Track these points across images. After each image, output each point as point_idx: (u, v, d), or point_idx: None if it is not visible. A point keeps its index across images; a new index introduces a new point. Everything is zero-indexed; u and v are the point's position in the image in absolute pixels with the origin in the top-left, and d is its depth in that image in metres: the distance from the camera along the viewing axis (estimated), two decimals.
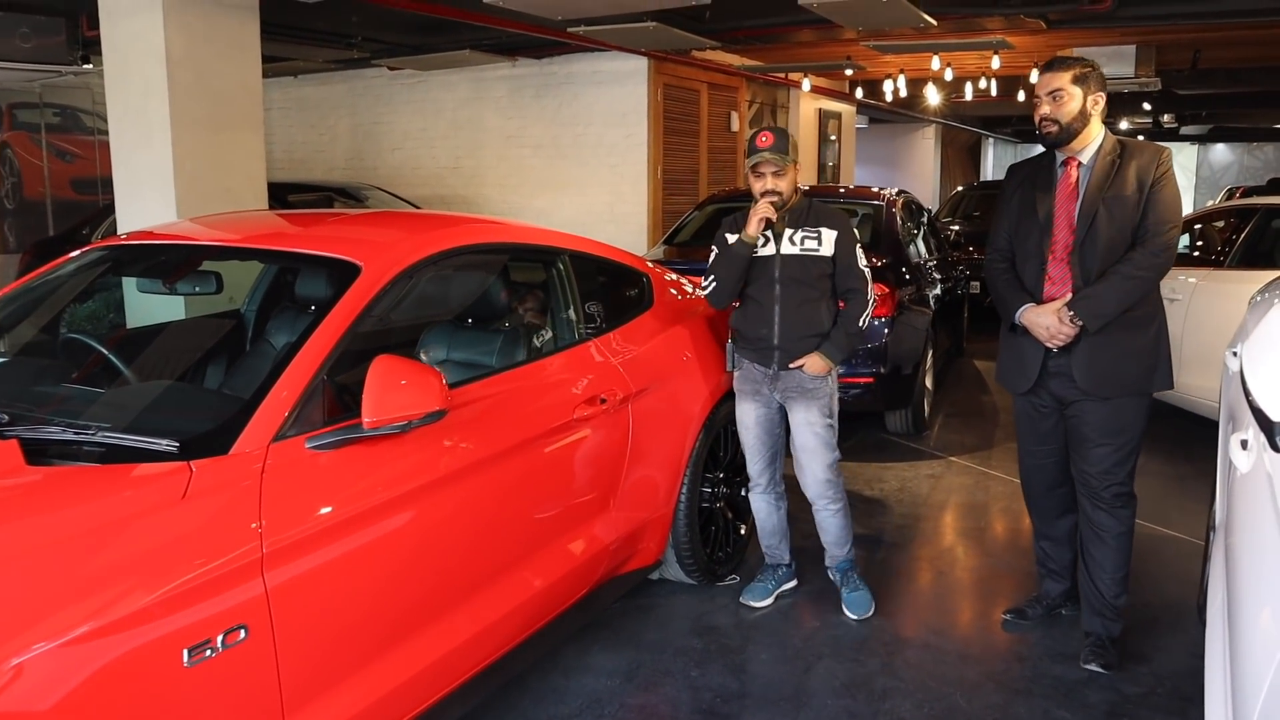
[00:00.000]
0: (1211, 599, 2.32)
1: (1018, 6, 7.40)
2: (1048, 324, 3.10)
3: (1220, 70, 11.59)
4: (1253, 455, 2.05)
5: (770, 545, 3.80)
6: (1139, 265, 3.01)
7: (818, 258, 3.48)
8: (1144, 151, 3.09)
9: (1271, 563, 1.57)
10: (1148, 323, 3.12)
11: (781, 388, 3.56)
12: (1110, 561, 3.24)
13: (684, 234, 6.98)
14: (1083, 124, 3.09)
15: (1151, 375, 3.14)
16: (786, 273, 3.47)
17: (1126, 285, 3.02)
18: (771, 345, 3.50)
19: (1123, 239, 3.05)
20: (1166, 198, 3.05)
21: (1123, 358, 3.10)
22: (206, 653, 1.90)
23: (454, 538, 2.57)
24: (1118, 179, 3.05)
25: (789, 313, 3.47)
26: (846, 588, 3.69)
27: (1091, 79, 3.08)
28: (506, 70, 10.32)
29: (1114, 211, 3.04)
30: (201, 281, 3.30)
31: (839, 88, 13.61)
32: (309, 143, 11.95)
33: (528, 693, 3.09)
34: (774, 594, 3.77)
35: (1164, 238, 3.03)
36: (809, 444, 3.57)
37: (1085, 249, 3.08)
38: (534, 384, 3.00)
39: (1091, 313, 3.04)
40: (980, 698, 3.08)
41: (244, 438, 2.15)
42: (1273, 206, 6.01)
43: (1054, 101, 3.08)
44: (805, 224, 3.49)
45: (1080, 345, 3.11)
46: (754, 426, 3.64)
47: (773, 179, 3.42)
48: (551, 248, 3.40)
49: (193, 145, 5.55)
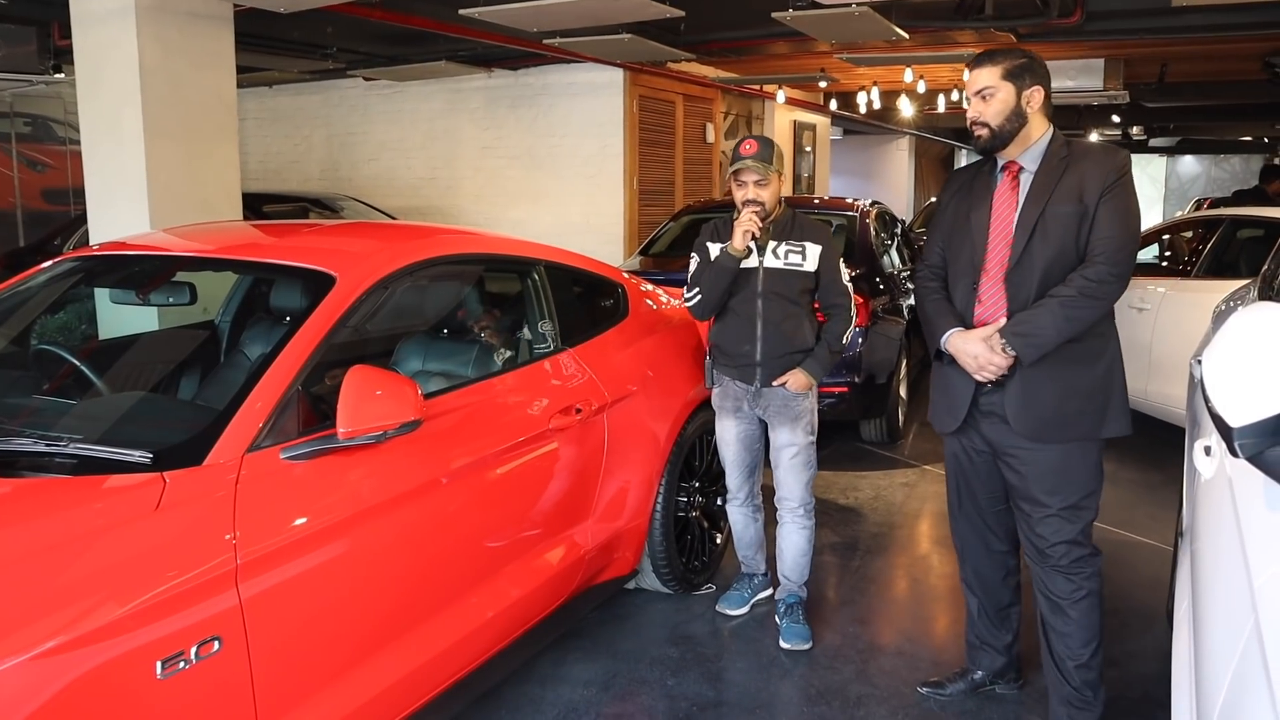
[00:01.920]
0: (1178, 604, 2.35)
1: (988, 20, 7.48)
2: (975, 352, 2.66)
3: (1187, 84, 11.75)
4: (1215, 461, 2.09)
5: (747, 555, 3.80)
6: (1081, 289, 2.57)
7: (801, 273, 3.41)
8: (1095, 155, 2.64)
9: (1232, 566, 1.60)
10: (1096, 356, 2.66)
11: (764, 405, 3.50)
12: (1076, 635, 2.75)
13: (659, 244, 7.02)
14: (1018, 124, 2.67)
15: (1101, 418, 2.67)
16: (770, 286, 3.40)
17: (1066, 312, 2.57)
18: (754, 362, 3.42)
19: (1064, 258, 2.62)
20: (1117, 210, 2.58)
21: (1066, 397, 2.64)
22: (180, 664, 1.90)
23: (430, 548, 2.58)
24: (1060, 187, 2.62)
25: (772, 328, 3.40)
26: (788, 619, 3.54)
27: (1028, 72, 2.67)
28: (482, 81, 10.33)
29: (1050, 226, 2.62)
30: (175, 292, 3.29)
31: (814, 100, 13.70)
32: (284, 153, 11.90)
33: (504, 704, 3.09)
34: (749, 603, 3.78)
35: (1111, 257, 2.57)
36: (790, 462, 3.52)
37: (1021, 268, 2.65)
38: (509, 394, 3.01)
39: (1026, 342, 2.60)
40: (954, 704, 3.11)
41: (218, 448, 2.15)
42: (1238, 217, 6.11)
43: (983, 101, 2.68)
44: (789, 237, 3.42)
45: (1014, 380, 2.67)
46: (734, 443, 3.60)
47: (755, 188, 3.34)
48: (527, 258, 3.41)
49: (166, 155, 5.52)
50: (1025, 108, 2.67)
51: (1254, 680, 1.26)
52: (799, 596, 3.61)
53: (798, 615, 3.57)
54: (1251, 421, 1.49)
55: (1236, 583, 1.53)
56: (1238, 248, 6.04)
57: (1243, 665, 1.34)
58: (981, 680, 3.14)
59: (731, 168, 3.39)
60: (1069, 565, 2.73)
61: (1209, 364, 1.61)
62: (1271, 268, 3.44)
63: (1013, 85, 2.66)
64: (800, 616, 3.57)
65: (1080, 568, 2.73)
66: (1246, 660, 1.33)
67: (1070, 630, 2.75)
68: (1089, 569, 2.74)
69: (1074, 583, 2.73)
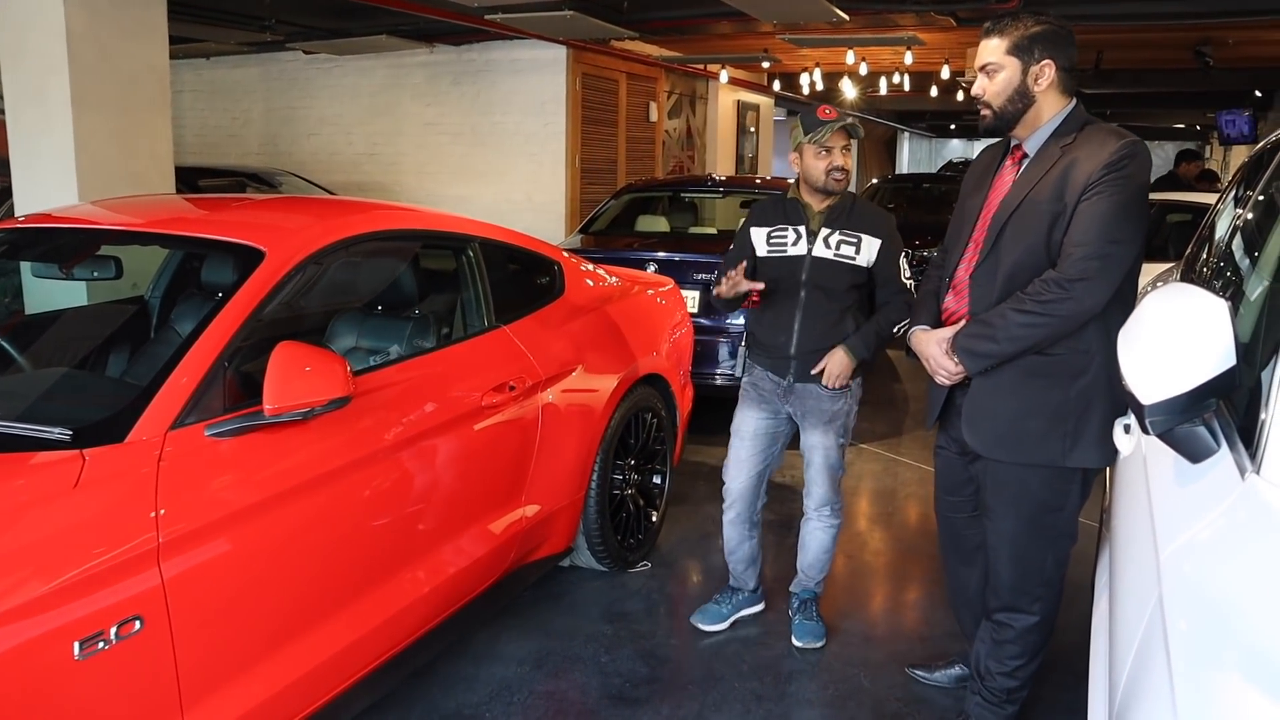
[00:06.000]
0: (1098, 577, 2.42)
1: (928, 4, 7.56)
2: (929, 354, 2.50)
3: (1122, 71, 11.96)
4: (1132, 439, 2.14)
5: (737, 570, 3.51)
6: (1038, 298, 2.28)
7: (853, 266, 3.13)
8: (1091, 145, 2.30)
9: (1143, 540, 1.65)
10: (1072, 374, 2.35)
11: (796, 403, 3.24)
12: (1013, 651, 2.61)
13: (600, 223, 7.00)
14: (1023, 105, 2.38)
15: (1070, 444, 2.36)
16: (814, 278, 3.13)
17: (1020, 320, 2.29)
18: (788, 355, 3.17)
19: (1032, 259, 2.34)
20: (1096, 211, 2.23)
21: (1026, 414, 2.39)
22: (99, 645, 1.86)
23: (359, 526, 2.55)
24: (1045, 179, 2.33)
25: (810, 321, 3.14)
26: (801, 615, 3.42)
27: (1039, 44, 2.35)
28: (425, 56, 10.20)
29: (1022, 223, 2.36)
30: (100, 267, 3.21)
31: (757, 80, 13.74)
32: (222, 127, 11.66)
33: (437, 681, 3.08)
34: (729, 619, 3.48)
35: (1072, 266, 2.24)
36: (820, 464, 3.28)
37: (986, 266, 2.43)
38: (442, 371, 2.98)
39: (969, 348, 2.38)
40: (883, 677, 3.16)
41: (140, 425, 2.10)
42: (1167, 202, 6.25)
43: (986, 78, 2.42)
44: (844, 226, 3.14)
45: (972, 387, 2.47)
46: (750, 438, 3.31)
47: (841, 154, 3.09)
48: (462, 235, 3.38)
49: (95, 126, 5.38)
50: (1032, 86, 2.37)
51: (1156, 649, 1.30)
52: (814, 593, 3.46)
53: (811, 612, 3.43)
54: (1162, 399, 1.54)
55: (1146, 556, 1.57)
56: (1166, 232, 6.18)
57: (1148, 635, 1.38)
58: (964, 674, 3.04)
59: (815, 135, 3.06)
60: (1011, 594, 2.55)
61: (1124, 343, 1.65)
62: (1193, 251, 3.52)
63: (1018, 61, 2.37)
64: (814, 613, 3.43)
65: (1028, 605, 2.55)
66: (1151, 630, 1.37)
67: (1003, 648, 2.63)
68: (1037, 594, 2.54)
69: (1019, 609, 2.57)
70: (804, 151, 3.12)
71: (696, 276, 5.53)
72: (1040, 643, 2.62)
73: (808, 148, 3.10)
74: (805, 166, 3.14)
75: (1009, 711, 2.69)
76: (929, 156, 31.35)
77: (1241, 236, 2.52)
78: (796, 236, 3.16)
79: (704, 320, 5.54)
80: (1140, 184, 2.28)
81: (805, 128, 3.11)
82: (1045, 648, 2.67)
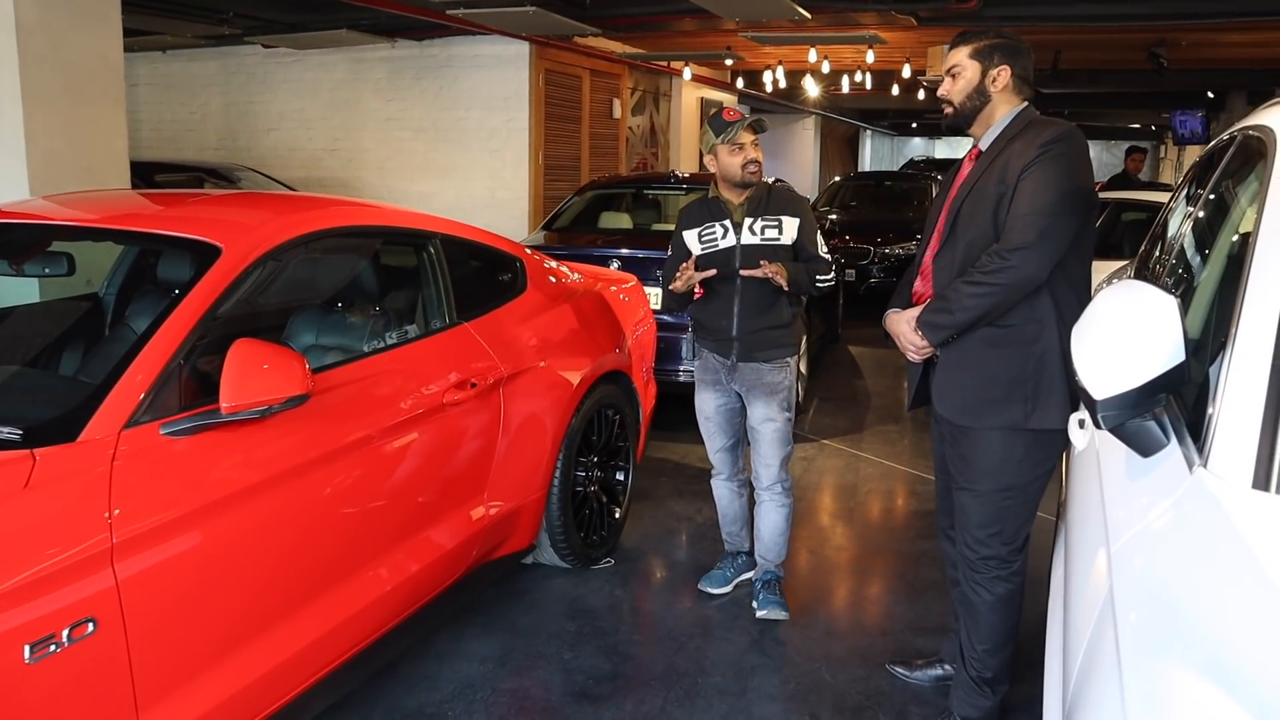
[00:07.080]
0: (1054, 570, 2.45)
1: (889, 3, 7.61)
2: (899, 332, 2.71)
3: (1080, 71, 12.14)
4: (1087, 433, 2.17)
5: (731, 532, 3.78)
6: (984, 269, 2.48)
7: (778, 246, 3.39)
8: (1029, 133, 2.54)
9: (1095, 533, 1.67)
10: (1026, 342, 2.54)
11: (740, 379, 3.49)
12: (975, 630, 2.76)
13: (563, 219, 6.99)
14: (980, 102, 2.64)
15: (1029, 408, 2.55)
16: (747, 264, 3.34)
17: (970, 290, 2.50)
18: (730, 337, 3.43)
19: (983, 238, 2.56)
20: (1032, 186, 2.44)
21: (989, 383, 2.58)
22: (51, 648, 1.83)
23: (318, 524, 2.53)
24: (991, 167, 2.57)
25: (748, 304, 3.39)
26: (765, 592, 3.56)
27: (997, 51, 2.63)
28: (386, 51, 10.13)
29: (972, 207, 2.59)
30: (51, 263, 3.16)
31: (721, 77, 13.77)
32: (179, 121, 11.51)
33: (399, 680, 3.07)
34: (733, 582, 3.73)
35: (1013, 236, 2.45)
36: (766, 437, 3.47)
37: (946, 249, 2.65)
38: (403, 368, 2.97)
39: (930, 321, 2.60)
40: (845, 671, 3.19)
41: (93, 424, 2.07)
42: (1122, 200, 6.35)
43: (951, 79, 2.68)
44: (765, 212, 3.41)
45: (940, 361, 2.69)
46: (714, 415, 3.60)
47: (753, 148, 3.36)
48: (422, 231, 3.36)
49: (47, 120, 5.29)
50: (989, 86, 2.63)
51: (1106, 641, 1.32)
52: (776, 575, 3.61)
53: (775, 589, 3.58)
54: (1115, 394, 1.56)
55: (1098, 548, 1.60)
56: (1122, 230, 6.28)
57: (1099, 626, 1.41)
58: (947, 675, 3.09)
59: (724, 136, 3.32)
60: (977, 560, 2.70)
61: (1077, 339, 1.68)
62: (1147, 249, 3.58)
63: (979, 64, 2.64)
64: (778, 591, 3.58)
65: (995, 576, 2.69)
66: (1102, 621, 1.39)
67: (974, 627, 2.75)
68: (996, 572, 2.68)
69: (977, 591, 2.72)
70: (719, 152, 3.38)
71: (659, 273, 5.52)
72: (1000, 625, 2.74)
73: (721, 148, 3.36)
74: (722, 165, 3.40)
75: (987, 704, 2.81)
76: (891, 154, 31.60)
77: (1192, 234, 2.57)
78: (724, 230, 3.42)
79: (666, 317, 5.54)
80: (1072, 161, 2.49)
81: (715, 130, 3.36)
82: (1013, 635, 2.79)
